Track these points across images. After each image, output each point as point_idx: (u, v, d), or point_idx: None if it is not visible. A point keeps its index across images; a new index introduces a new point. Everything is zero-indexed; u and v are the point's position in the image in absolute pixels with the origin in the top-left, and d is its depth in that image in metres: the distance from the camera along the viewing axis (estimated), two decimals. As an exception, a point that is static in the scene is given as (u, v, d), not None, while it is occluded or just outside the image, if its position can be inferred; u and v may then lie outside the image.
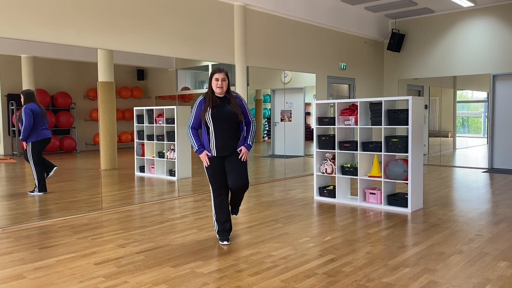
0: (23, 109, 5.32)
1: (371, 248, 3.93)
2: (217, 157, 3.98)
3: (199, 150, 3.97)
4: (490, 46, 9.49)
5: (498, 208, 5.48)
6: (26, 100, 5.34)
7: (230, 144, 3.96)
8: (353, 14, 9.67)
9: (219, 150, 3.95)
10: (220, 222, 4.12)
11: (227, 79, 3.97)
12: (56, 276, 3.30)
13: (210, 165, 3.99)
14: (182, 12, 6.50)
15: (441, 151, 10.70)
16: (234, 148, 3.99)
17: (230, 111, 3.94)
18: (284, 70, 8.55)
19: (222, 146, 3.94)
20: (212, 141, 3.94)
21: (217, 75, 3.93)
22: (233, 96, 4.02)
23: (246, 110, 4.07)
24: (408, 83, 10.87)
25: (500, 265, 3.44)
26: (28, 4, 4.92)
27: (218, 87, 3.92)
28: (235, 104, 3.96)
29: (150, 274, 3.34)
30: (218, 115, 3.91)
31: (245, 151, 4.01)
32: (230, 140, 3.96)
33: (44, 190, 5.66)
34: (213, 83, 3.95)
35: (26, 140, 5.38)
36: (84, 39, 5.38)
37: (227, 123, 3.93)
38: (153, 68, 7.30)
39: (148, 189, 7.10)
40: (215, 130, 3.92)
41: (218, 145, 3.94)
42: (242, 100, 4.09)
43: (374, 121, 5.62)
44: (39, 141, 5.47)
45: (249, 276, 3.27)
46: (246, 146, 4.02)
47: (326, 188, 6.20)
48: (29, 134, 5.37)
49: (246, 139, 4.05)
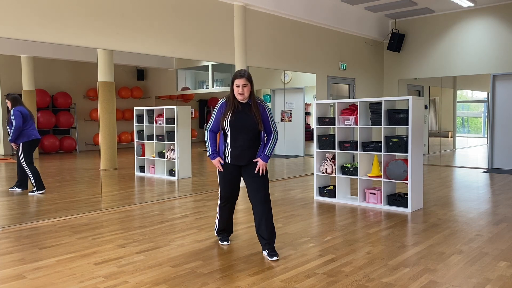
0: (12, 111, 5.41)
1: (371, 248, 3.93)
2: (231, 164, 3.79)
3: (212, 155, 3.79)
4: (490, 46, 9.49)
5: (498, 208, 5.48)
6: (13, 104, 5.46)
7: (246, 153, 3.72)
8: (353, 14, 9.67)
9: (234, 158, 3.74)
10: (221, 223, 4.08)
11: (249, 83, 3.68)
12: (56, 276, 3.30)
13: (223, 171, 3.81)
14: (182, 12, 6.50)
15: (441, 151, 10.70)
16: (250, 157, 3.75)
17: (250, 120, 3.69)
18: (284, 70, 8.55)
19: (237, 155, 3.72)
20: (228, 148, 3.75)
21: (238, 81, 3.66)
22: (256, 104, 3.73)
23: (269, 120, 3.79)
24: (408, 83, 10.87)
25: (500, 265, 3.44)
26: (28, 4, 4.92)
27: (239, 94, 3.65)
28: (257, 112, 3.70)
29: (150, 274, 3.34)
30: (236, 123, 3.68)
31: (262, 163, 3.72)
32: (247, 149, 3.72)
33: (42, 188, 5.69)
34: (234, 89, 3.68)
35: (15, 141, 5.46)
36: (84, 39, 5.38)
37: (245, 132, 3.69)
38: (153, 68, 7.31)
39: (148, 189, 7.10)
40: (232, 138, 3.71)
41: (233, 153, 3.73)
42: (266, 108, 3.79)
43: (374, 121, 5.62)
44: (29, 141, 5.53)
45: (249, 276, 3.28)
46: (262, 157, 3.73)
47: (326, 188, 6.20)
48: (19, 135, 5.44)
49: (264, 149, 3.76)
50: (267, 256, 3.66)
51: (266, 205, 3.71)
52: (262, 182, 3.73)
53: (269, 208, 3.72)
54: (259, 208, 3.70)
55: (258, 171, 3.72)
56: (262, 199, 3.69)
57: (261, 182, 3.73)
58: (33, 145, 5.60)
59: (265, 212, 3.70)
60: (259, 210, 3.70)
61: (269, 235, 3.71)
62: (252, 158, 3.75)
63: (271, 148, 3.76)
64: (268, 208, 3.72)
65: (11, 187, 5.71)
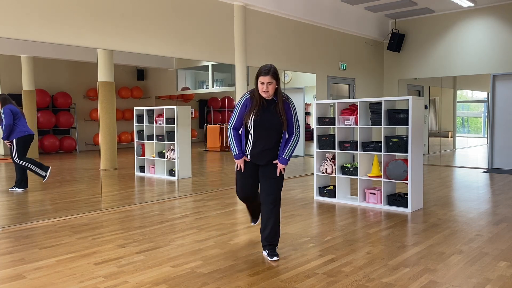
0: (2, 110, 5.46)
1: (371, 248, 3.93)
2: (250, 162, 3.70)
3: (238, 155, 3.65)
4: (490, 46, 9.49)
5: (498, 208, 5.48)
6: (3, 103, 5.51)
7: (266, 153, 3.62)
8: (353, 14, 9.67)
9: (253, 156, 3.65)
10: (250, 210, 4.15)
11: (274, 80, 3.50)
12: (56, 276, 3.30)
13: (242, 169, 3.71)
14: (182, 12, 6.50)
15: (441, 151, 10.70)
16: (270, 158, 3.64)
17: (275, 119, 3.56)
18: (284, 70, 8.54)
19: (257, 154, 3.62)
20: (249, 146, 3.64)
21: (262, 78, 3.48)
22: (282, 101, 3.57)
23: (293, 119, 3.64)
24: (408, 83, 10.87)
25: (500, 265, 3.44)
26: (28, 4, 4.92)
27: (264, 92, 3.50)
28: (282, 110, 3.55)
29: (150, 274, 3.34)
30: (261, 123, 3.55)
31: (281, 167, 3.64)
32: (268, 149, 3.62)
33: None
34: (259, 86, 3.52)
35: (8, 138, 5.50)
36: (84, 39, 5.38)
37: (269, 132, 3.58)
38: (153, 68, 7.31)
39: (148, 189, 7.10)
40: (254, 136, 3.60)
41: (253, 151, 3.62)
42: (291, 106, 3.64)
43: (374, 121, 5.62)
44: (23, 137, 5.56)
45: (249, 276, 3.27)
46: (281, 160, 3.63)
47: (326, 188, 6.20)
48: (11, 132, 5.48)
49: (284, 151, 3.64)
50: (267, 257, 3.66)
51: (276, 208, 3.66)
52: (276, 185, 3.65)
53: (277, 211, 3.68)
54: (268, 209, 3.65)
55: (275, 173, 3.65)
56: (272, 201, 3.64)
57: (275, 185, 3.65)
58: (26, 141, 5.62)
59: (273, 214, 3.66)
60: (268, 211, 3.66)
61: (273, 238, 3.69)
62: (272, 158, 3.65)
63: (291, 151, 3.65)
64: (277, 211, 3.67)
65: (11, 187, 5.71)
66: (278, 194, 3.68)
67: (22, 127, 5.54)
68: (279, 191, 3.69)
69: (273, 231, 3.68)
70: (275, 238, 3.71)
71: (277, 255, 3.65)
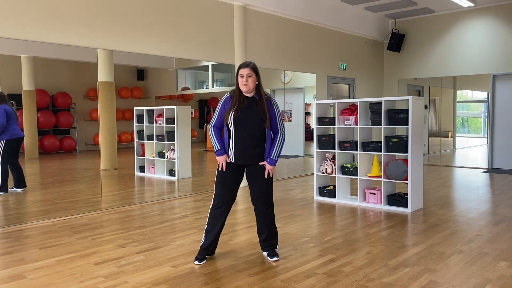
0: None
1: (371, 248, 3.93)
2: (234, 164, 3.55)
3: (220, 151, 3.51)
4: (490, 46, 9.49)
5: (498, 208, 5.48)
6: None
7: (251, 152, 3.50)
8: (353, 14, 9.67)
9: (237, 157, 3.50)
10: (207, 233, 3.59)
11: (254, 74, 3.45)
12: (56, 276, 3.30)
13: (225, 170, 3.55)
14: (182, 12, 6.50)
15: (441, 151, 10.70)
16: (255, 157, 3.52)
17: (256, 115, 3.46)
18: (284, 70, 8.55)
19: (241, 154, 3.49)
20: (232, 146, 3.51)
21: (242, 71, 3.44)
22: (264, 98, 3.50)
23: (276, 117, 3.56)
24: (408, 83, 10.87)
25: (500, 265, 3.44)
26: (28, 4, 4.92)
27: (244, 85, 3.42)
28: (264, 107, 3.47)
29: (150, 274, 3.34)
30: (241, 119, 3.44)
31: (270, 168, 3.53)
32: (252, 148, 3.49)
33: (5, 191, 5.59)
34: (239, 80, 3.45)
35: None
36: (84, 39, 5.38)
37: (251, 129, 3.46)
38: (153, 68, 7.30)
39: (148, 189, 7.10)
40: (236, 135, 3.48)
41: (237, 151, 3.49)
42: (274, 104, 3.55)
43: (374, 121, 5.62)
44: (13, 139, 5.49)
45: (249, 276, 3.27)
46: (269, 162, 3.53)
47: (326, 188, 6.20)
48: (2, 133, 5.41)
49: (271, 152, 3.54)
50: (268, 257, 3.65)
51: (269, 210, 3.62)
52: (266, 187, 3.57)
53: (271, 213, 3.65)
54: (261, 212, 3.62)
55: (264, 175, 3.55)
56: (265, 204, 3.59)
57: (265, 187, 3.57)
58: (16, 144, 5.53)
59: (267, 217, 3.63)
60: (262, 214, 3.62)
61: (271, 240, 3.68)
62: (257, 157, 3.53)
63: (278, 151, 3.55)
64: (271, 213, 3.64)
65: (11, 187, 5.70)
66: (270, 196, 3.62)
67: (13, 129, 5.45)
68: (271, 193, 3.62)
69: (270, 234, 3.67)
70: (273, 240, 3.69)
71: (277, 255, 3.64)
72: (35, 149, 5.96)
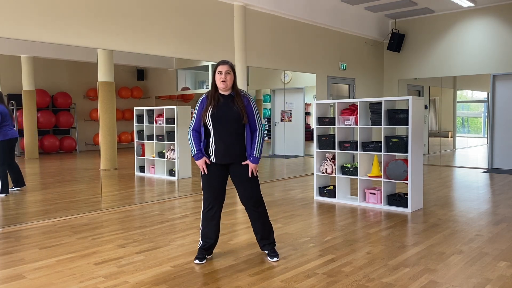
0: None
1: (371, 248, 3.93)
2: (216, 163, 3.55)
3: (197, 155, 3.51)
4: (490, 46, 9.49)
5: (498, 208, 5.48)
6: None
7: (232, 150, 3.48)
8: (353, 14, 9.67)
9: (219, 156, 3.49)
10: (204, 237, 3.61)
11: (232, 72, 3.50)
12: (56, 276, 3.30)
13: (208, 172, 3.55)
14: (182, 12, 6.50)
15: (441, 151, 10.70)
16: (236, 155, 3.51)
17: (234, 112, 3.46)
18: (284, 70, 8.54)
19: (222, 153, 3.48)
20: (212, 146, 3.51)
21: (221, 67, 3.47)
22: (240, 95, 3.53)
23: (254, 113, 3.54)
24: (408, 83, 10.87)
25: (500, 265, 3.44)
26: (28, 4, 4.92)
27: (222, 81, 3.44)
28: (241, 104, 3.48)
29: (150, 274, 3.34)
30: (219, 116, 3.45)
31: (253, 166, 3.52)
32: (233, 146, 3.48)
33: (6, 192, 5.54)
34: (217, 77, 3.48)
35: None
36: (84, 39, 5.38)
37: (229, 126, 3.46)
38: (153, 68, 7.30)
39: (148, 189, 7.09)
40: (215, 134, 3.47)
41: (218, 151, 3.48)
42: (250, 100, 3.56)
43: (374, 121, 5.62)
44: (7, 140, 5.43)
45: (249, 276, 3.27)
46: (252, 160, 3.51)
47: (326, 188, 6.20)
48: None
49: (252, 150, 3.52)
50: (268, 257, 3.65)
51: (260, 209, 3.62)
52: (253, 186, 3.56)
53: (263, 211, 3.64)
54: (253, 213, 3.62)
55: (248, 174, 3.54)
56: (255, 204, 3.58)
57: (252, 186, 3.56)
58: (10, 145, 5.47)
59: (261, 215, 3.63)
60: (254, 214, 3.62)
61: (267, 237, 3.68)
62: (238, 155, 3.51)
63: (259, 148, 3.54)
64: (262, 211, 3.64)
65: (10, 187, 5.69)
66: (259, 194, 3.60)
67: (7, 129, 5.38)
68: (259, 192, 3.61)
69: (265, 232, 3.67)
70: (269, 236, 3.69)
71: (277, 255, 3.64)
72: (35, 149, 5.96)
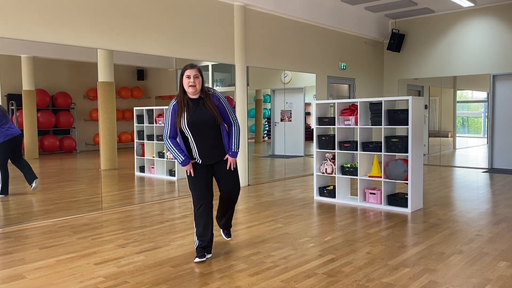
0: None
1: (371, 248, 3.93)
2: (202, 164, 3.62)
3: (185, 161, 3.54)
4: (490, 46, 9.49)
5: (498, 208, 5.48)
6: None
7: (214, 151, 3.58)
8: (353, 14, 9.67)
9: (204, 158, 3.58)
10: (201, 236, 3.64)
11: (200, 76, 3.47)
12: (56, 276, 3.30)
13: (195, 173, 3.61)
14: (182, 12, 6.50)
15: (441, 151, 10.70)
16: (219, 154, 3.61)
17: (208, 115, 3.49)
18: (284, 70, 8.54)
19: (207, 154, 3.57)
20: (195, 150, 3.57)
21: (189, 72, 3.44)
22: (209, 95, 3.53)
23: (226, 110, 3.60)
24: (408, 83, 10.87)
25: (500, 265, 3.44)
26: (28, 4, 4.92)
27: (191, 86, 3.43)
28: (211, 105, 3.50)
29: (150, 274, 3.34)
30: (195, 122, 3.47)
31: (232, 160, 3.63)
32: (214, 147, 3.57)
33: (5, 193, 5.45)
34: (184, 81, 3.45)
35: None
36: (84, 39, 5.38)
37: (206, 129, 3.51)
38: (153, 68, 7.30)
39: (148, 189, 7.10)
40: (195, 139, 3.53)
41: (202, 153, 3.56)
42: (220, 98, 3.58)
43: (374, 121, 5.62)
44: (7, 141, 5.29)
45: (249, 276, 3.28)
46: (231, 154, 3.62)
47: (326, 188, 6.20)
48: None
49: (230, 145, 3.62)
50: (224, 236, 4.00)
51: (235, 202, 3.85)
52: (235, 180, 3.72)
53: (234, 204, 3.89)
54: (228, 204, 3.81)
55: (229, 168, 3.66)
56: (235, 196, 3.78)
57: (235, 179, 3.71)
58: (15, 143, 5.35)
59: (232, 206, 3.87)
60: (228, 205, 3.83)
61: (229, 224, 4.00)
62: (221, 154, 3.62)
63: (237, 142, 3.63)
64: (234, 204, 3.89)
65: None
66: (239, 187, 3.79)
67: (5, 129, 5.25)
68: (239, 185, 3.79)
69: (230, 220, 3.97)
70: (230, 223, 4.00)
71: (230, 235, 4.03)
72: (35, 149, 5.96)
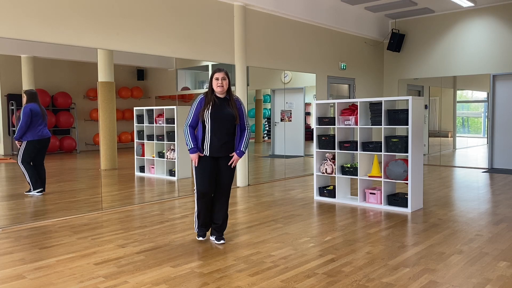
0: (23, 108, 5.31)
1: (371, 248, 3.93)
2: (209, 156, 3.99)
3: (193, 149, 3.96)
4: (490, 46, 9.49)
5: (498, 208, 5.48)
6: (28, 100, 5.35)
7: (225, 146, 3.99)
8: (353, 14, 9.67)
9: (212, 150, 3.97)
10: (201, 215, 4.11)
11: (227, 78, 4.01)
12: (56, 276, 3.30)
13: (200, 164, 3.99)
14: (182, 12, 6.50)
15: (441, 151, 10.70)
16: (228, 150, 4.02)
17: (229, 112, 3.97)
18: (284, 70, 8.54)
19: (216, 147, 3.96)
20: (207, 141, 3.96)
21: (217, 74, 3.98)
22: (233, 99, 4.06)
23: (244, 115, 4.10)
24: (408, 83, 10.87)
25: (500, 265, 3.44)
26: (28, 4, 4.92)
27: (219, 86, 3.95)
28: (234, 106, 4.01)
29: (150, 274, 3.34)
30: (217, 115, 3.93)
31: (236, 158, 4.05)
32: (225, 142, 3.98)
33: (38, 187, 5.55)
34: (214, 82, 3.99)
35: (20, 138, 5.33)
36: (84, 39, 5.37)
37: (224, 124, 3.96)
38: (153, 68, 7.30)
39: (148, 189, 7.09)
40: (212, 130, 3.94)
41: (212, 145, 3.96)
42: (241, 104, 4.12)
43: (374, 121, 5.62)
44: (36, 140, 5.42)
45: (249, 276, 3.28)
46: (238, 153, 4.05)
47: (326, 188, 6.20)
48: (24, 133, 5.34)
49: (240, 145, 4.06)
50: (215, 240, 4.12)
51: (228, 198, 4.14)
52: (232, 176, 4.09)
53: (228, 200, 4.17)
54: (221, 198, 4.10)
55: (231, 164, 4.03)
56: (227, 190, 4.11)
57: (231, 174, 4.08)
58: (42, 144, 5.46)
59: (225, 204, 4.13)
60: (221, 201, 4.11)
61: (223, 222, 4.13)
62: (229, 150, 4.03)
63: (246, 144, 4.07)
64: (227, 199, 4.15)
65: (27, 191, 5.59)
66: (231, 184, 4.15)
67: (38, 130, 5.37)
68: (232, 180, 4.13)
69: (225, 222, 4.15)
70: (224, 226, 4.17)
71: (223, 238, 4.13)
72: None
